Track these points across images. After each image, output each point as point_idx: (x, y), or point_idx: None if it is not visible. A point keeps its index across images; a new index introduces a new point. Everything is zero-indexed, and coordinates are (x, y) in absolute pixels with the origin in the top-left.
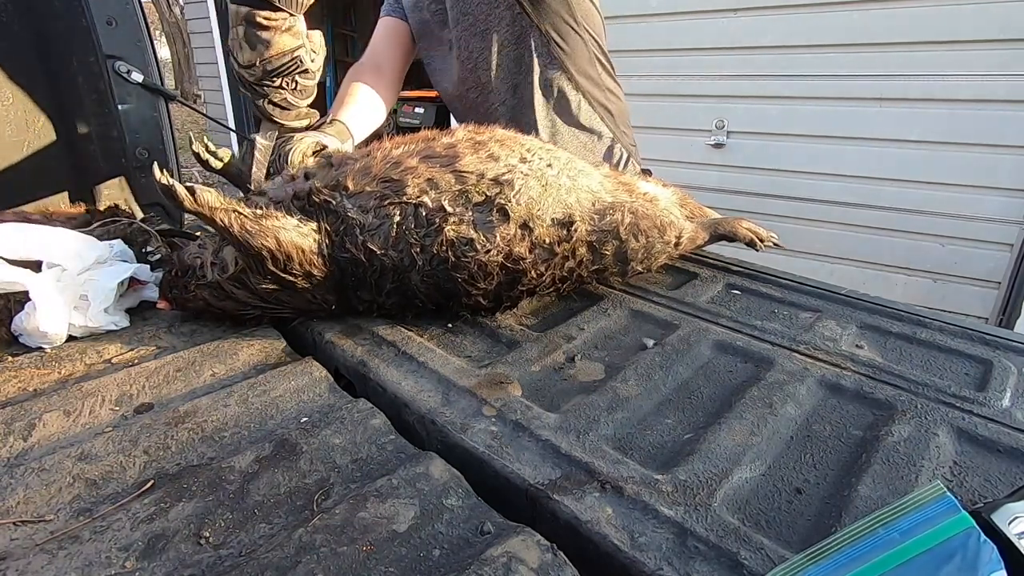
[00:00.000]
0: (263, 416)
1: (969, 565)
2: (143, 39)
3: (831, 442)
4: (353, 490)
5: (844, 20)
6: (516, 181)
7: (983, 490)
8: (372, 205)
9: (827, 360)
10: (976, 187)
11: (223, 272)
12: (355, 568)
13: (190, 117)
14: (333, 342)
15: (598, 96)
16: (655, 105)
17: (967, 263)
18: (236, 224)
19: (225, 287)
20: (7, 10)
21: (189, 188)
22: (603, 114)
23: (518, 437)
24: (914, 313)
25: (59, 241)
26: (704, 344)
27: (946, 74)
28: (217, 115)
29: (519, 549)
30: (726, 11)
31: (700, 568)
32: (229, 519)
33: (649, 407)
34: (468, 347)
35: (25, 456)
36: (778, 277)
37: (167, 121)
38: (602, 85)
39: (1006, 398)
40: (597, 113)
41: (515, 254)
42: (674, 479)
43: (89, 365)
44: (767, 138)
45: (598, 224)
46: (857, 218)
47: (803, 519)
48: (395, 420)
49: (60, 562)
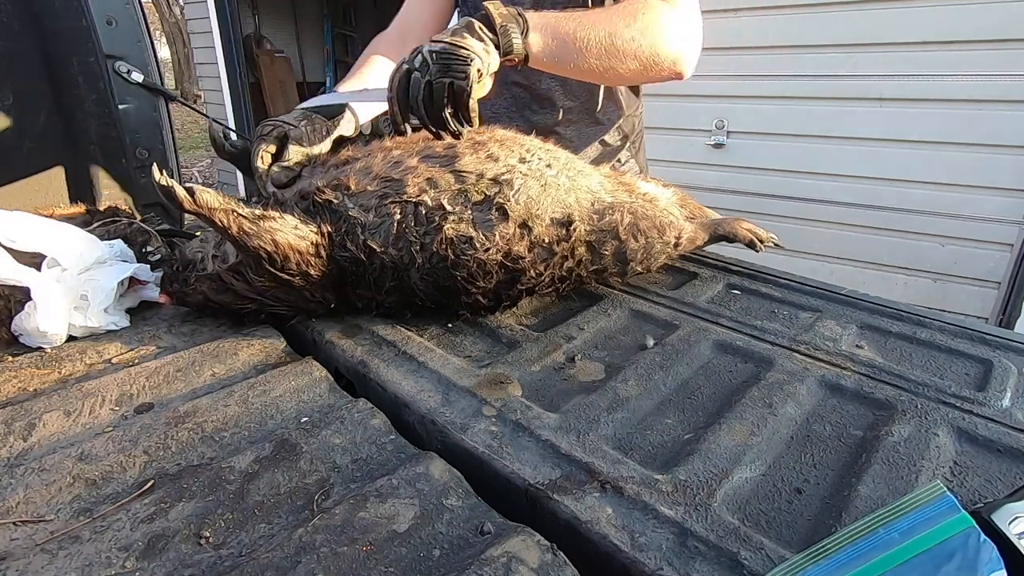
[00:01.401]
0: (263, 416)
1: (969, 565)
2: (143, 39)
3: (831, 442)
4: (353, 490)
5: (844, 20)
6: (515, 181)
7: (983, 490)
8: (373, 204)
9: (827, 360)
10: (976, 187)
11: (223, 263)
12: (355, 568)
13: (190, 117)
14: (333, 342)
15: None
16: (655, 105)
17: (967, 263)
18: (235, 225)
19: (224, 278)
20: (7, 10)
21: (188, 189)
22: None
23: (518, 437)
24: (914, 313)
25: (61, 236)
26: (704, 344)
27: (946, 74)
28: (217, 115)
29: (519, 549)
30: (726, 11)
31: (700, 568)
32: (229, 519)
33: (649, 407)
34: (468, 347)
35: (25, 456)
36: (778, 277)
37: (167, 121)
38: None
39: (1006, 398)
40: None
41: (514, 253)
42: (674, 479)
43: (89, 365)
44: (767, 138)
45: (597, 224)
46: (857, 218)
47: (803, 519)
48: (395, 420)
49: (60, 562)
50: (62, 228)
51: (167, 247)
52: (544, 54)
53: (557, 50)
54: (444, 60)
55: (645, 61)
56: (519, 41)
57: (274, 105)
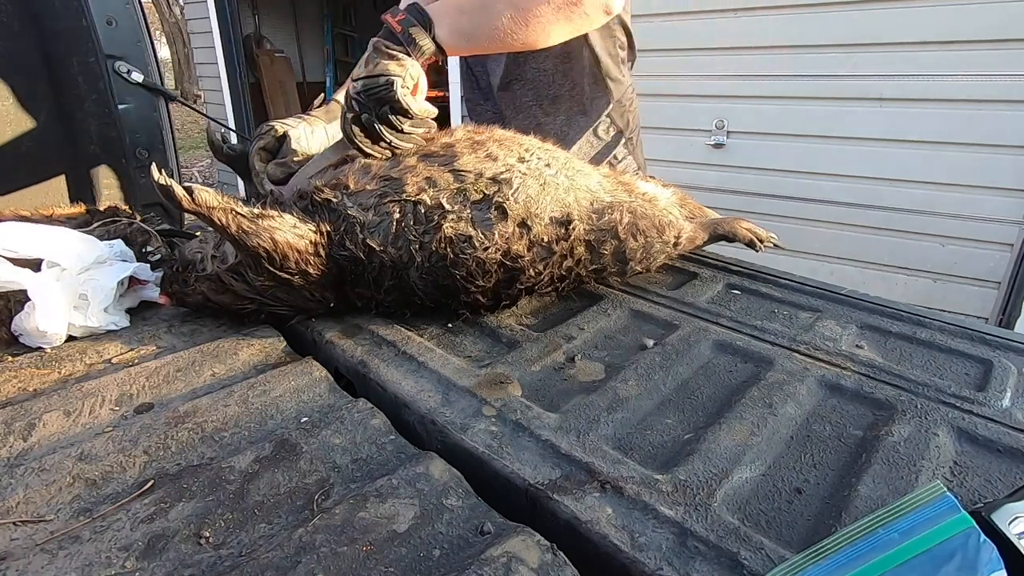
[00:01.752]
0: (263, 416)
1: (969, 565)
2: (143, 39)
3: (831, 442)
4: (353, 490)
5: (844, 20)
6: (514, 180)
7: (983, 490)
8: (372, 203)
9: (827, 360)
10: (976, 187)
11: (223, 264)
12: (355, 568)
13: (190, 117)
14: (333, 342)
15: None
16: (655, 105)
17: (967, 263)
18: (233, 224)
19: (224, 279)
20: (7, 10)
21: (187, 188)
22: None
23: (518, 437)
24: (914, 313)
25: (60, 240)
26: (704, 344)
27: (946, 74)
28: (217, 115)
29: (519, 549)
30: (726, 11)
31: (700, 568)
32: (229, 519)
33: (649, 407)
34: (468, 347)
35: (25, 456)
36: (778, 277)
37: (167, 121)
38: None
39: (1006, 398)
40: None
41: (513, 252)
42: (674, 479)
43: (89, 365)
44: (767, 138)
45: (596, 223)
46: (857, 218)
47: (803, 519)
48: (395, 420)
49: (60, 562)
50: (58, 232)
51: (167, 247)
52: (457, 37)
53: (468, 24)
54: (371, 94)
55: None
56: (427, 41)
57: (274, 105)
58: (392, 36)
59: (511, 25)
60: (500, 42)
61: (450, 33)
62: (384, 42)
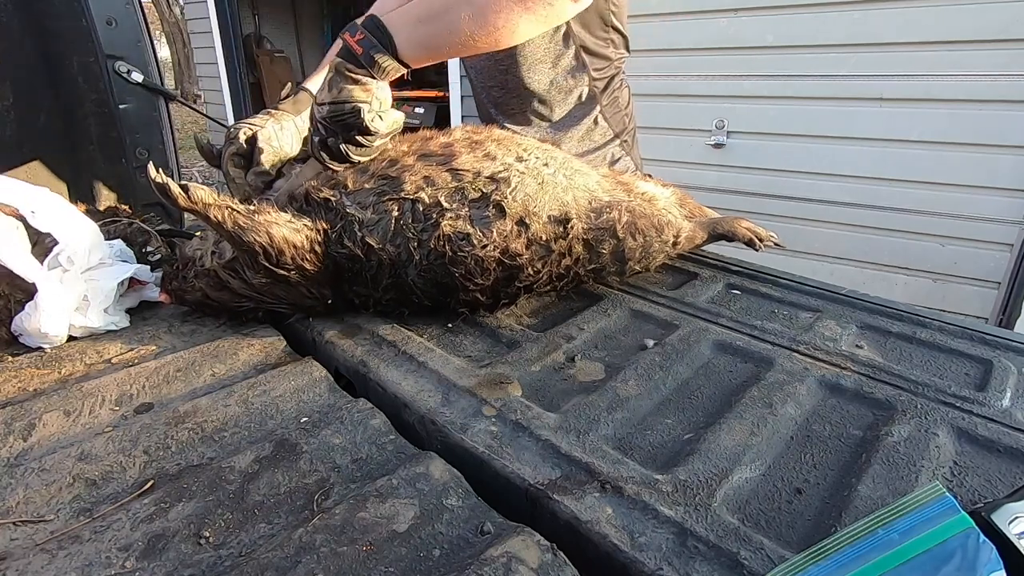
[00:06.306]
0: (263, 416)
1: (969, 565)
2: (143, 39)
3: (831, 442)
4: (353, 490)
5: (844, 20)
6: (512, 178)
7: (983, 490)
8: (371, 201)
9: (827, 360)
10: (976, 187)
11: (220, 259)
12: (355, 568)
13: (190, 117)
14: (333, 342)
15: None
16: (655, 105)
17: (967, 263)
18: (229, 220)
19: (221, 275)
20: (7, 10)
21: (183, 186)
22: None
23: (518, 437)
24: (914, 313)
25: (79, 227)
26: (704, 344)
27: (946, 74)
28: (217, 115)
29: (519, 549)
30: (726, 11)
31: (700, 568)
32: (229, 519)
33: (649, 407)
34: (468, 347)
35: (25, 456)
36: (778, 277)
37: (167, 121)
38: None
39: (1006, 398)
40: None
41: (511, 250)
42: (674, 479)
43: (89, 365)
44: (767, 138)
45: (595, 222)
46: (857, 218)
47: (803, 519)
48: (395, 420)
49: (60, 562)
50: (78, 218)
51: (167, 247)
52: (418, 49)
53: (427, 34)
54: (338, 121)
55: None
56: (387, 60)
57: None
58: (353, 58)
59: (472, 27)
60: (463, 46)
61: (411, 47)
62: (346, 64)
